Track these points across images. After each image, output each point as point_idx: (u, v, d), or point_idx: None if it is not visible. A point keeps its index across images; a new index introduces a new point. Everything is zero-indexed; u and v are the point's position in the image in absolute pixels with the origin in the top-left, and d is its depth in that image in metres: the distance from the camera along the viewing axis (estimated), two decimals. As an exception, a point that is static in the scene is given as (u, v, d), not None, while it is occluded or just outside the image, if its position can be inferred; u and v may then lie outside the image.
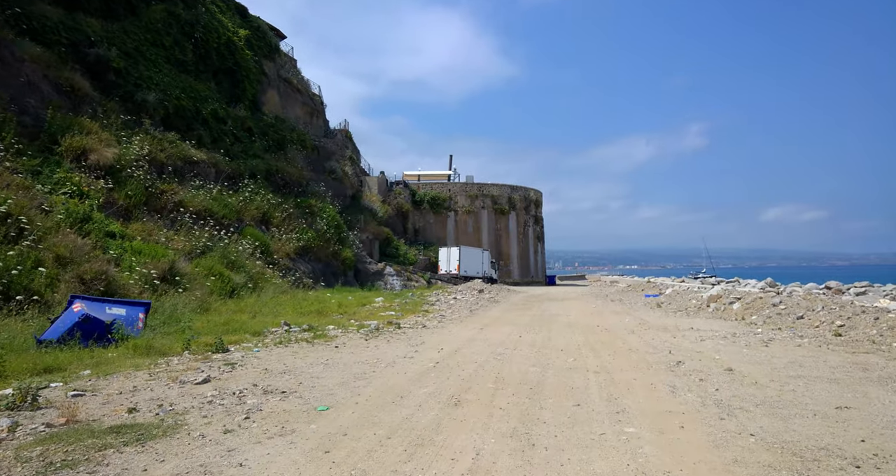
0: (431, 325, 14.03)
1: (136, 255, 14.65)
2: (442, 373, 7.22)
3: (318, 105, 38.33)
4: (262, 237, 22.78)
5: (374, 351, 9.37)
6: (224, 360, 8.23)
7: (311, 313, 15.59)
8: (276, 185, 28.17)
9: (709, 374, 7.05)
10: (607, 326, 13.49)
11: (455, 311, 18.26)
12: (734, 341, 10.19)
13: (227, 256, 18.77)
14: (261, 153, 28.44)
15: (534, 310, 19.63)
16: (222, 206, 21.89)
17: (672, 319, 15.18)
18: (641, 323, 14.26)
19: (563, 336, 11.54)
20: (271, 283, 19.89)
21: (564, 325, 13.90)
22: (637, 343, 10.26)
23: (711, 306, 16.33)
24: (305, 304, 17.24)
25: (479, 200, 46.87)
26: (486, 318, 16.43)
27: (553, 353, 9.03)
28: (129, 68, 22.25)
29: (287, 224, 26.15)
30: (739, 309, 15.09)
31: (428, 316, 16.45)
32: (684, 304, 18.27)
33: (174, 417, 4.93)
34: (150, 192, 18.48)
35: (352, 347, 9.83)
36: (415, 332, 12.37)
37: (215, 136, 25.90)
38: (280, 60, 34.15)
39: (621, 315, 16.91)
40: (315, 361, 8.16)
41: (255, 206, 24.40)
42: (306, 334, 11.32)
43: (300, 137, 33.26)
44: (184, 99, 24.52)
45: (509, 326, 13.74)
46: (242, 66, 29.37)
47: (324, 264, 28.57)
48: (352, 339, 10.86)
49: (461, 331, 12.71)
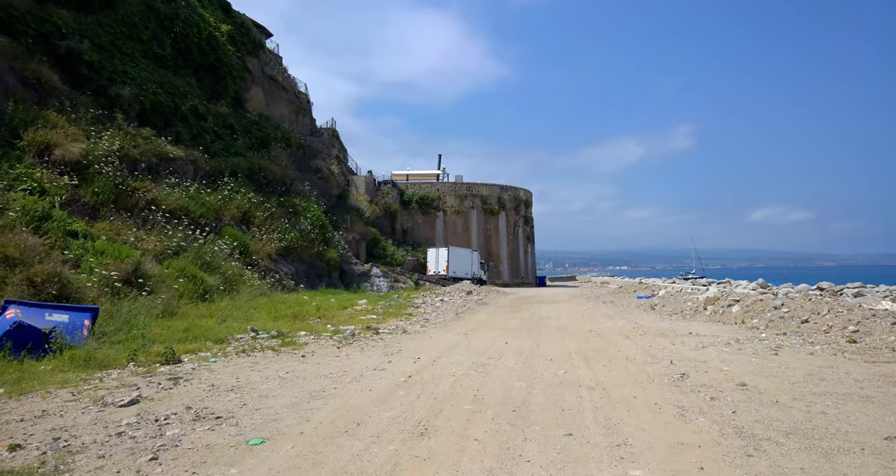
0: (413, 330, 12.99)
1: (97, 256, 13.51)
2: (413, 390, 6.17)
3: (305, 103, 37.18)
4: (241, 237, 21.64)
5: (344, 361, 8.31)
6: (170, 373, 7.15)
7: (287, 317, 14.51)
8: (258, 183, 27.02)
9: (720, 390, 6.06)
10: (600, 331, 12.50)
11: (440, 315, 17.23)
12: (739, 349, 9.21)
13: (202, 257, 17.63)
14: (243, 151, 27.28)
15: (523, 313, 18.63)
16: (199, 204, 20.75)
17: (668, 323, 14.22)
18: (636, 327, 13.29)
19: (553, 342, 10.53)
20: (249, 284, 18.78)
21: (554, 330, 12.90)
22: (634, 351, 9.26)
23: (709, 309, 15.38)
24: (282, 307, 16.14)
25: (468, 200, 45.78)
26: (471, 321, 15.41)
27: (541, 364, 8.01)
28: (102, 62, 21.06)
29: (269, 224, 25.02)
30: (739, 312, 14.14)
31: (411, 320, 15.41)
32: (679, 307, 17.33)
33: (61, 459, 3.84)
34: (120, 190, 17.32)
35: (320, 357, 8.77)
36: (393, 338, 11.32)
37: (195, 133, 24.73)
38: (265, 57, 32.98)
39: (614, 318, 15.95)
40: (272, 375, 7.09)
41: (236, 205, 23.26)
42: (274, 342, 10.25)
43: (285, 135, 32.11)
44: (161, 94, 23.33)
45: (496, 331, 12.72)
46: (224, 63, 28.20)
47: (307, 265, 27.44)
48: (322, 347, 9.80)
49: (444, 336, 11.67)
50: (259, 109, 31.67)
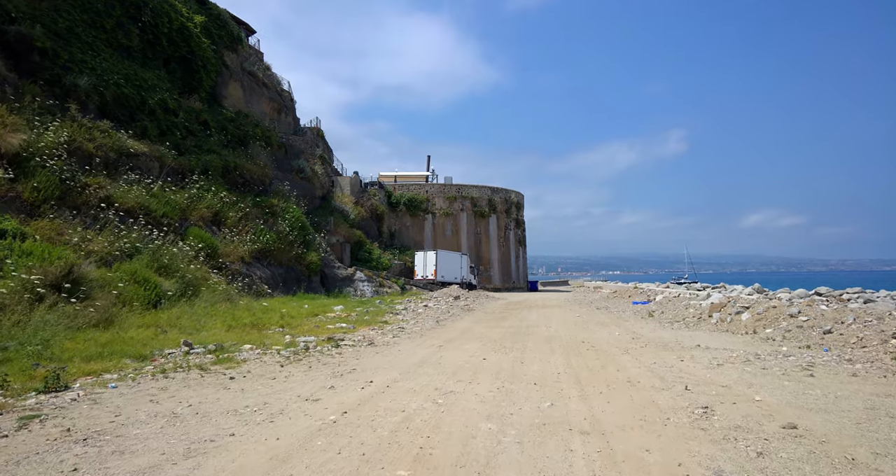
0: (382, 341, 11.20)
1: (22, 257, 11.69)
2: (338, 438, 4.39)
3: (288, 101, 35.39)
4: (208, 238, 19.82)
5: (276, 387, 6.53)
6: (33, 407, 5.36)
7: (244, 327, 12.70)
8: (233, 183, 25.23)
9: (763, 436, 4.32)
10: (595, 342, 10.75)
11: (419, 323, 15.45)
12: (763, 367, 7.48)
13: (159, 260, 15.80)
14: (217, 148, 25.46)
15: (510, 320, 16.87)
16: (163, 203, 18.94)
17: (670, 332, 12.50)
18: (635, 337, 11.56)
19: (540, 358, 8.78)
20: (215, 290, 16.94)
21: (543, 341, 11.14)
22: (636, 370, 7.52)
23: (714, 317, 13.66)
24: (244, 314, 14.34)
25: (458, 202, 43.91)
26: (452, 330, 13.63)
27: (522, 390, 6.25)
28: (57, 49, 19.24)
29: (243, 225, 23.24)
30: (750, 320, 12.43)
31: (384, 328, 13.63)
32: (681, 314, 15.62)
33: None
34: (67, 186, 15.51)
35: (251, 380, 6.99)
36: (354, 352, 9.53)
37: (164, 129, 22.93)
38: (244, 52, 31.22)
39: (609, 326, 14.22)
40: (167, 410, 5.30)
41: (206, 204, 21.46)
42: (208, 358, 8.46)
43: (264, 133, 30.31)
44: (126, 86, 21.54)
45: (476, 343, 10.95)
46: (199, 55, 26.39)
47: (285, 269, 25.62)
48: (262, 366, 8.01)
49: (414, 350, 9.89)
50: (237, 106, 29.90)
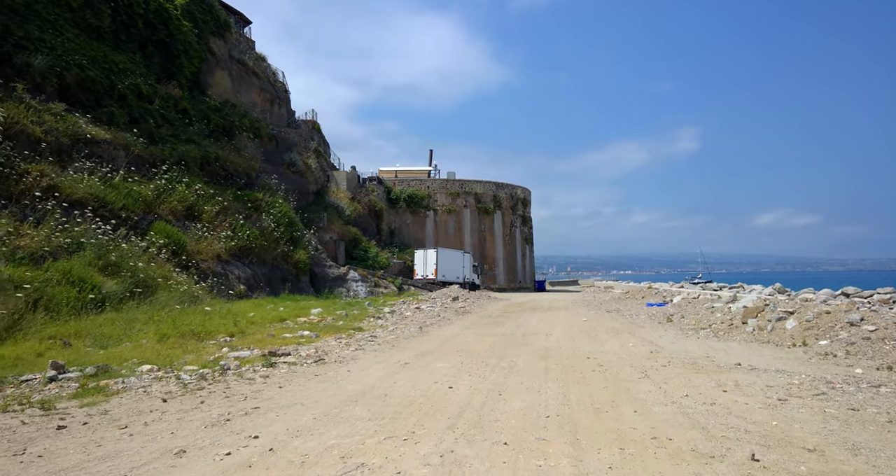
0: (337, 356, 8.83)
1: None
2: None
3: (281, 92, 33.22)
4: (175, 234, 17.60)
5: (107, 447, 4.20)
6: None
7: (184, 336, 10.37)
8: (215, 175, 23.06)
9: None
10: (603, 358, 8.30)
11: (400, 329, 13.07)
12: (852, 407, 4.99)
13: (106, 257, 13.61)
14: (197, 138, 23.28)
15: (506, 325, 14.44)
16: (123, 195, 16.76)
17: (697, 343, 10.00)
18: (655, 350, 9.09)
19: (528, 385, 6.35)
20: (177, 290, 14.72)
21: (538, 357, 8.71)
22: (662, 410, 5.09)
23: (750, 323, 11.10)
24: (194, 320, 11.96)
25: (461, 198, 41.38)
26: (432, 339, 11.23)
27: (479, 464, 3.87)
28: (10, 26, 17.15)
29: (221, 220, 21.04)
30: (797, 329, 9.88)
31: (353, 337, 11.27)
32: (705, 319, 13.08)
33: None
34: (1, 172, 13.44)
35: (90, 430, 4.67)
36: (285, 375, 7.17)
37: (135, 116, 20.79)
38: (233, 39, 29.08)
39: (622, 334, 11.75)
40: None
41: (178, 197, 19.25)
42: (71, 388, 6.13)
43: (253, 125, 28.12)
44: (92, 69, 19.42)
45: (453, 358, 8.55)
46: (179, 39, 24.26)
47: (270, 268, 23.38)
48: (136, 402, 5.66)
49: (368, 370, 7.52)
50: (225, 95, 27.74)
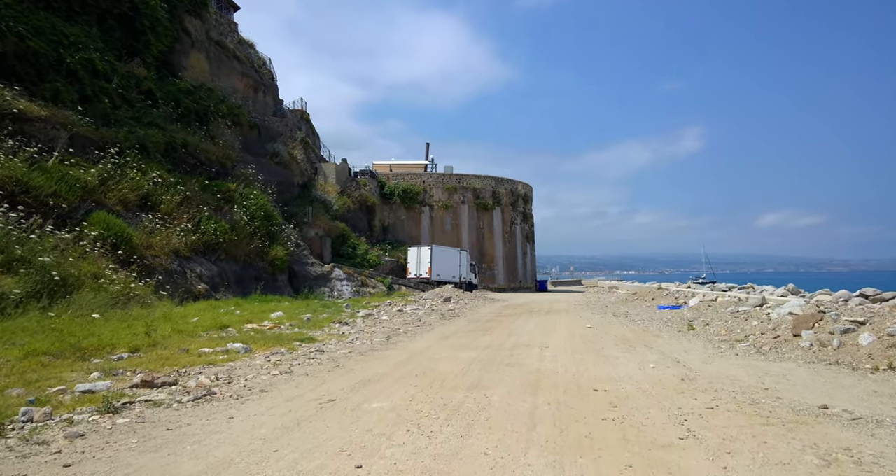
0: (243, 386, 6.20)
1: None
2: None
3: (267, 79, 30.66)
4: (119, 226, 15.07)
5: None
6: None
7: (63, 351, 7.77)
8: (181, 163, 20.56)
9: None
10: (617, 392, 5.64)
11: (360, 339, 10.43)
12: None
13: (10, 251, 11.10)
14: (162, 122, 20.76)
15: (495, 333, 11.76)
16: (55, 180, 14.28)
17: (740, 364, 7.30)
18: (688, 376, 6.41)
19: (494, 458, 3.73)
20: (105, 290, 12.17)
21: (523, 388, 6.04)
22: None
23: (805, 336, 8.37)
24: (92, 330, 9.29)
25: (458, 194, 38.64)
26: (393, 357, 8.57)
27: None
28: (-70, -14, 14.68)
29: (183, 211, 18.51)
30: (877, 345, 7.16)
31: (293, 352, 8.64)
32: (738, 327, 10.35)
33: None
34: None
35: None
36: (107, 435, 4.57)
37: (87, 94, 18.29)
38: (211, 20, 26.55)
39: (637, 348, 9.07)
40: None
41: (129, 185, 16.74)
42: None
43: (232, 111, 25.59)
44: (34, 40, 16.95)
45: (405, 389, 5.91)
46: (145, 14, 21.75)
47: (241, 265, 20.84)
48: None
49: (260, 419, 4.87)
50: (201, 79, 25.22)
